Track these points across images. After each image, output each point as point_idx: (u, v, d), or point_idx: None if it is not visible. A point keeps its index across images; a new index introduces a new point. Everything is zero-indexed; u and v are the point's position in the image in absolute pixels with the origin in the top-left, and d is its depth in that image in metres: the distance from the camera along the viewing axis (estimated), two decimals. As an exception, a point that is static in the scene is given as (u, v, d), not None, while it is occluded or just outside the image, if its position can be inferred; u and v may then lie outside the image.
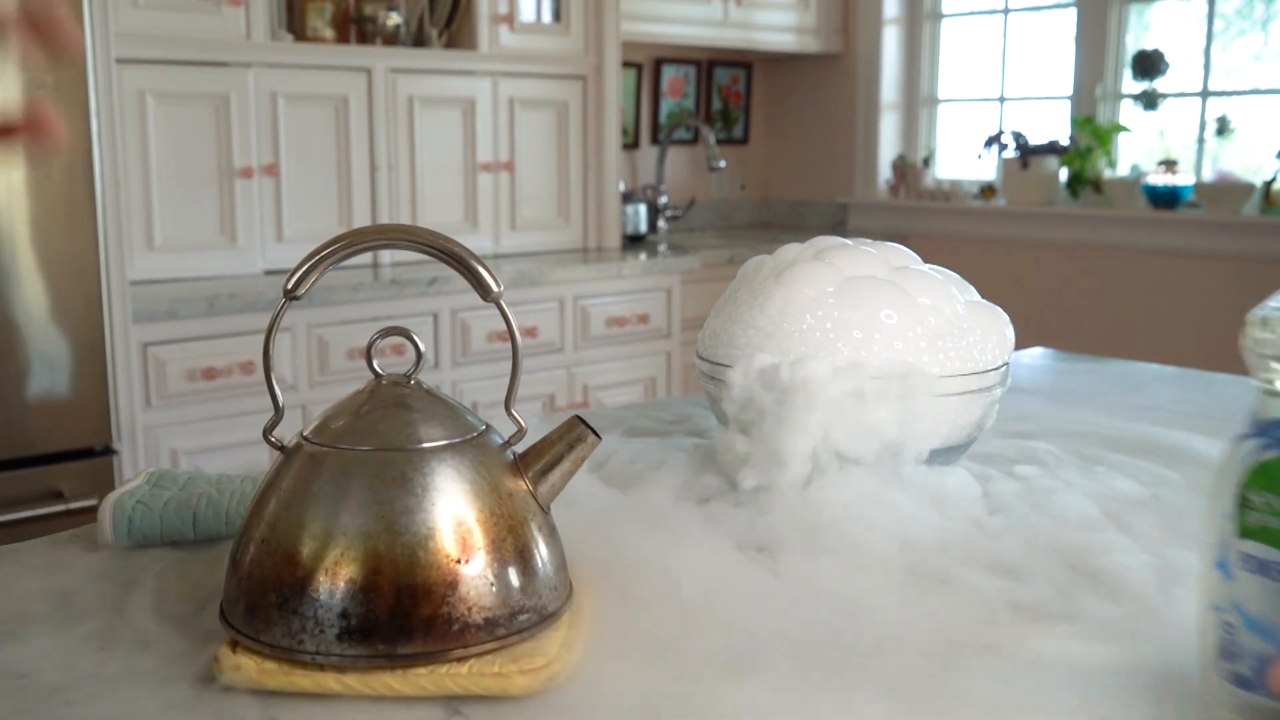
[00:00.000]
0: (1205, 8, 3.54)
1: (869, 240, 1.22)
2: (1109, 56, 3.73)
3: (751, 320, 1.09)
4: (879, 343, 1.05)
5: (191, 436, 2.61)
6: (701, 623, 0.78)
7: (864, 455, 0.99)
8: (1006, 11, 4.02)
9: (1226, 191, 3.42)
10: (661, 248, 3.77)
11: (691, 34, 3.87)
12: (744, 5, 3.95)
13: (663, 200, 4.10)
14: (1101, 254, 3.64)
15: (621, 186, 3.75)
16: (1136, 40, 3.72)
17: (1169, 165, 3.52)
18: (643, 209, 3.89)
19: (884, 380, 1.02)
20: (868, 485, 0.98)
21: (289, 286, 0.76)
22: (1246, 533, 0.66)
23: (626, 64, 4.01)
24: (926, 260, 1.21)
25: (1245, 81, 3.53)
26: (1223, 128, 3.51)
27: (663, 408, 1.47)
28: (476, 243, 3.29)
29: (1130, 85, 3.69)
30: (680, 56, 4.24)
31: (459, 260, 0.78)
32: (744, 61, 4.44)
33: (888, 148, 4.27)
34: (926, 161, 4.20)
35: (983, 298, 1.18)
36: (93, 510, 1.79)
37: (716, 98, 4.42)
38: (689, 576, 0.85)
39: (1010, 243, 3.86)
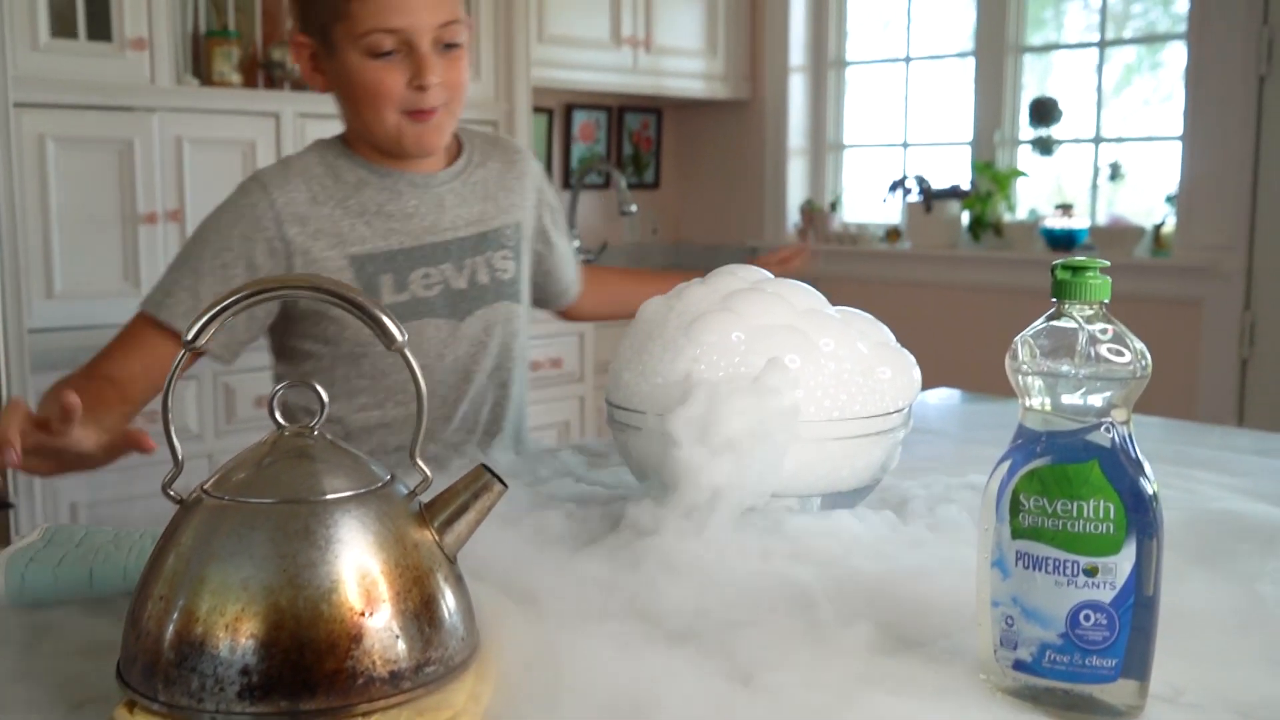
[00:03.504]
0: (1096, 57, 3.67)
1: (768, 274, 1.24)
2: (1006, 104, 3.85)
3: (665, 374, 1.10)
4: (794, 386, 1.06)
5: (92, 489, 2.54)
6: (609, 672, 0.78)
7: (760, 497, 1.01)
8: (908, 60, 4.13)
9: (1120, 234, 3.54)
10: (574, 292, 3.77)
11: (602, 80, 3.91)
12: (653, 52, 4.00)
13: (575, 244, 4.12)
14: (1003, 295, 3.73)
15: (533, 231, 3.76)
16: (1034, 88, 3.85)
17: (1065, 209, 3.63)
18: (555, 253, 3.90)
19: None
20: (768, 529, 0.99)
21: (189, 338, 0.75)
22: (1019, 533, 0.76)
23: (537, 109, 4.03)
24: (835, 303, 1.23)
25: (1137, 128, 3.67)
26: (1115, 173, 3.64)
27: (573, 453, 1.47)
28: (387, 288, 3.26)
29: (1027, 132, 3.81)
30: (591, 102, 4.27)
31: (362, 309, 0.77)
32: (654, 107, 4.49)
33: (796, 192, 4.34)
34: (833, 205, 4.28)
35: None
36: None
37: (627, 143, 4.46)
38: (597, 625, 0.85)
39: (916, 284, 3.94)
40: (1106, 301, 0.77)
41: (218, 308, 0.76)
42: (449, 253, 1.50)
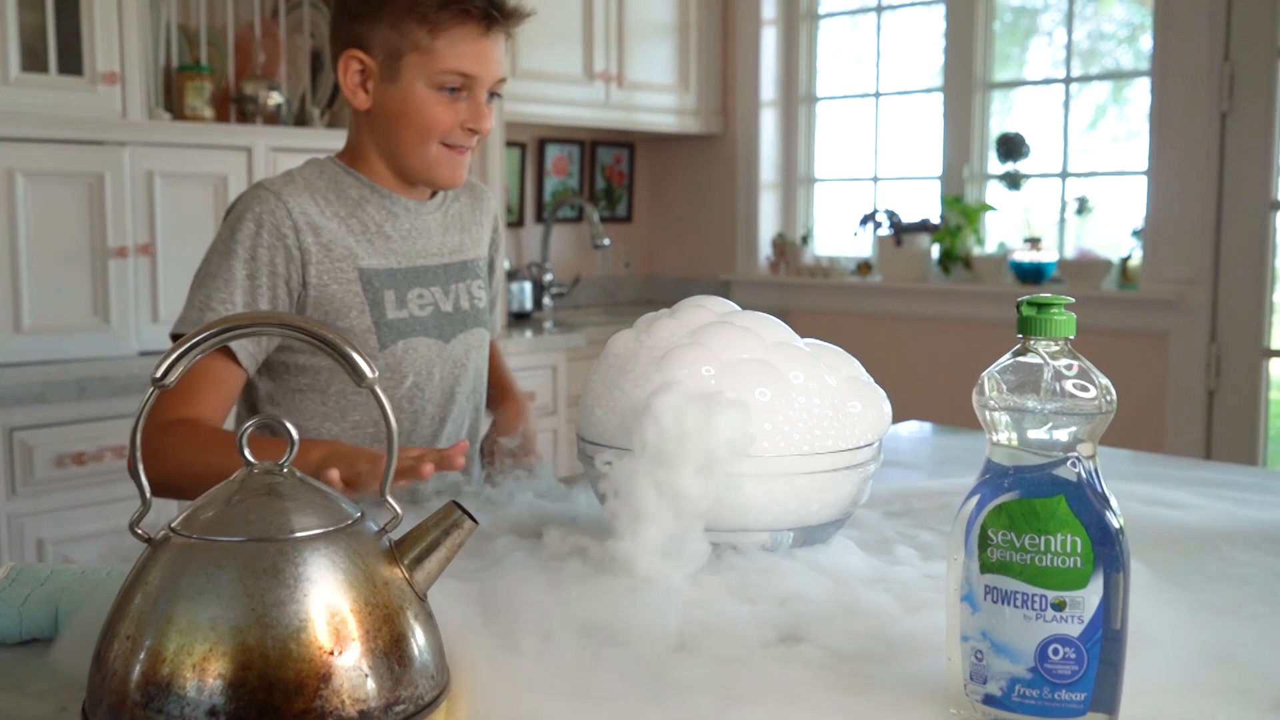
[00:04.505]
0: (1063, 94, 3.72)
1: (735, 305, 1.24)
2: (975, 139, 3.89)
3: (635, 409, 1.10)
4: (753, 423, 1.06)
5: (60, 525, 2.51)
6: (580, 710, 0.78)
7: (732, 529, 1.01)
8: (878, 95, 4.17)
9: (1087, 267, 3.58)
10: (547, 325, 3.78)
11: (574, 115, 3.93)
12: (625, 87, 4.02)
13: (548, 278, 4.13)
14: (973, 327, 3.76)
15: (507, 264, 3.76)
16: (1001, 124, 3.89)
17: (1033, 243, 3.67)
18: (528, 286, 3.90)
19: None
20: (739, 565, 0.99)
21: (157, 375, 0.75)
22: (988, 567, 0.76)
23: (510, 143, 4.04)
24: (806, 335, 1.24)
25: (1104, 163, 3.71)
26: (1082, 207, 3.68)
27: (544, 487, 1.47)
28: (359, 321, 3.25)
29: (996, 166, 3.85)
30: (564, 136, 4.29)
31: (332, 346, 0.77)
32: (626, 141, 4.51)
33: (767, 225, 4.36)
34: (805, 239, 4.30)
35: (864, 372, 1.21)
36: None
37: (600, 177, 4.48)
38: (568, 662, 0.85)
39: (887, 317, 3.97)
40: (1072, 337, 0.78)
41: (187, 345, 0.75)
42: (437, 276, 1.59)
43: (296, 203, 1.48)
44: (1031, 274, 3.64)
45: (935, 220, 3.89)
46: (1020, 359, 0.78)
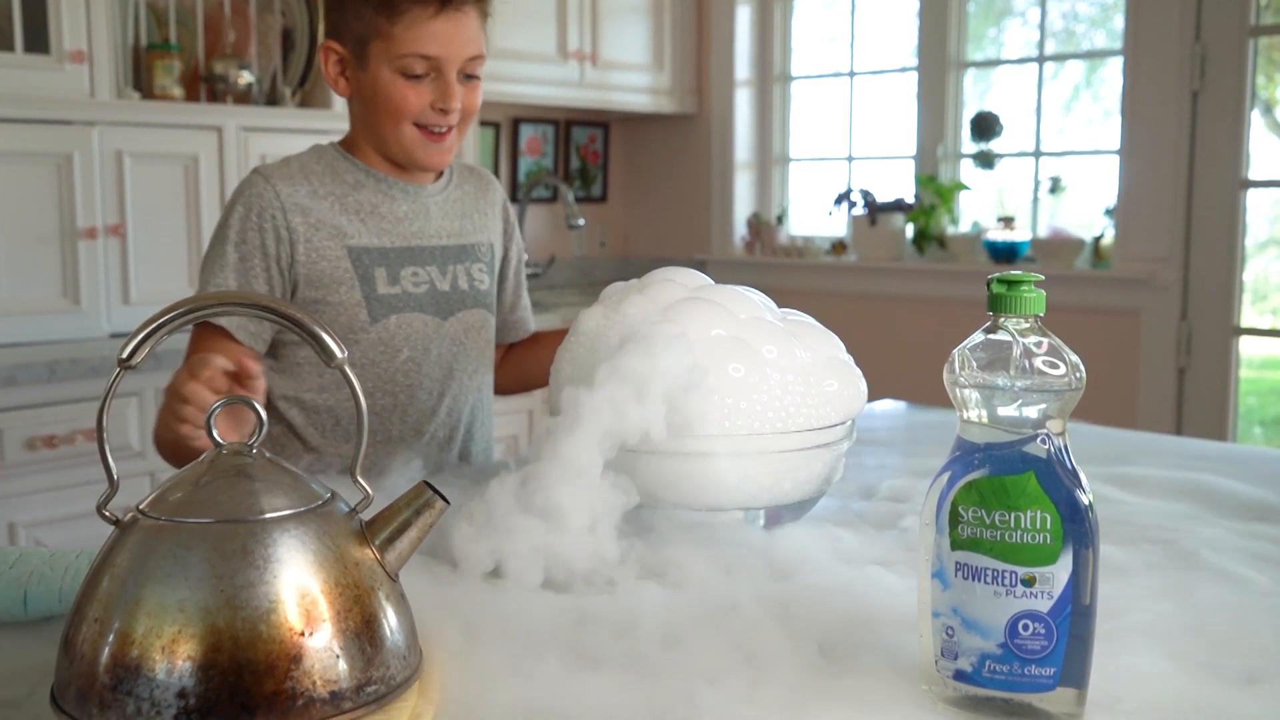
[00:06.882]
0: (1036, 74, 3.73)
1: (706, 278, 1.24)
2: (949, 118, 3.89)
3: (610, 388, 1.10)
4: (727, 401, 1.06)
5: (32, 508, 2.50)
6: (551, 691, 0.78)
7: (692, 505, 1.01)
8: (852, 75, 4.17)
9: (1060, 246, 3.59)
10: (522, 305, 3.76)
11: (549, 94, 3.91)
12: (600, 66, 4.01)
13: (523, 258, 4.11)
14: (947, 306, 3.77)
15: (481, 245, 3.74)
16: (975, 103, 3.90)
17: (1007, 222, 3.68)
18: (503, 267, 3.88)
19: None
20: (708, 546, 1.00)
21: (123, 356, 0.75)
22: (959, 544, 0.76)
23: (484, 123, 4.02)
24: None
25: (1077, 143, 3.72)
26: (1055, 186, 3.70)
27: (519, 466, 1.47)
28: (333, 302, 3.22)
29: (969, 146, 3.85)
30: (538, 116, 4.27)
31: (301, 326, 0.77)
32: (601, 121, 4.50)
33: (743, 205, 4.36)
34: (780, 219, 4.30)
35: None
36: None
37: (575, 156, 4.46)
38: (540, 644, 0.85)
39: (862, 297, 3.98)
40: (1042, 315, 0.78)
41: (153, 325, 0.75)
42: (434, 256, 1.62)
43: (286, 186, 1.53)
44: (1005, 253, 3.66)
45: (909, 200, 3.90)
46: (990, 336, 0.78)
